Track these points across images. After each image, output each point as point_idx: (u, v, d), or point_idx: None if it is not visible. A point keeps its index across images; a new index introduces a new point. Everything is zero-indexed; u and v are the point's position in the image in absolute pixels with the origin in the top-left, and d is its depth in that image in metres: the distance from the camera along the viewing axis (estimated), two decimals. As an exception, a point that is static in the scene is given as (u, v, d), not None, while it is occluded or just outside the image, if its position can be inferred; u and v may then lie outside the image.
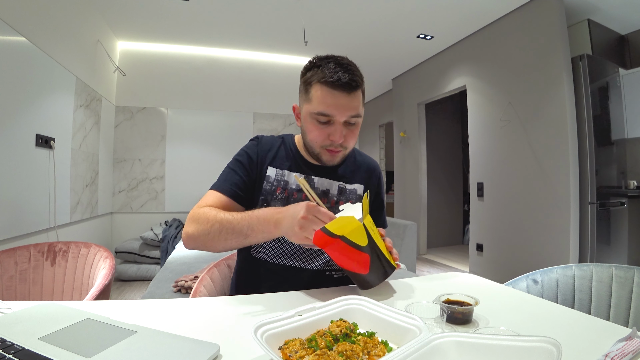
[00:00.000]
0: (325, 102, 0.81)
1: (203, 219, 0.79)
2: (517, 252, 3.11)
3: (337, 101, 0.81)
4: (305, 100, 0.86)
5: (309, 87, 0.85)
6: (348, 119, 0.83)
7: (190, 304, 0.71)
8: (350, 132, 0.86)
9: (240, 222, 0.75)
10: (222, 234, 0.76)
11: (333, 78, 0.80)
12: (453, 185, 5.52)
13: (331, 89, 0.81)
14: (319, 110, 0.82)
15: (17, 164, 1.97)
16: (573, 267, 0.96)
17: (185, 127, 4.13)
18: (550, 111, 2.80)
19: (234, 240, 0.76)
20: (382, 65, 4.66)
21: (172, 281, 1.99)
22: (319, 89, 0.82)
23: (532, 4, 2.95)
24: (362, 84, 0.85)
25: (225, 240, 0.76)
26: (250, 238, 0.75)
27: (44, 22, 2.25)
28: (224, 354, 0.49)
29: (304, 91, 0.87)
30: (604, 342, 0.52)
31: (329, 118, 0.83)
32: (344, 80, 0.80)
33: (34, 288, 1.31)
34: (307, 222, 0.67)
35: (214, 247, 0.79)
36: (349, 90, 0.81)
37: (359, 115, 0.85)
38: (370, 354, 0.47)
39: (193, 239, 0.80)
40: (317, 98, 0.82)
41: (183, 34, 3.75)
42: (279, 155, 0.94)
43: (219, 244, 0.77)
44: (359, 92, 0.84)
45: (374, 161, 1.07)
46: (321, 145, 0.86)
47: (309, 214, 0.67)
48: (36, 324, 0.54)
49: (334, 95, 0.81)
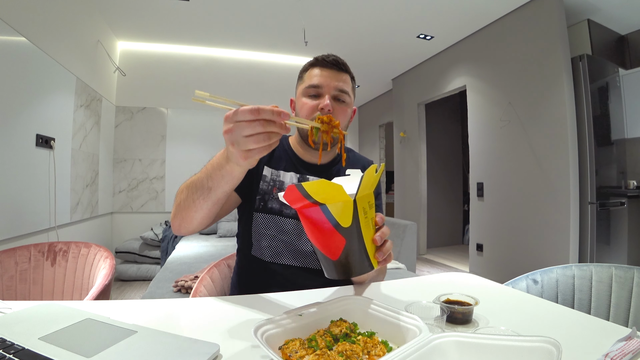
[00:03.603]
0: (316, 76, 0.89)
1: (177, 195, 0.75)
2: (517, 252, 3.11)
3: (325, 74, 0.89)
4: (300, 84, 0.94)
5: (304, 73, 0.94)
6: (337, 93, 0.88)
7: (190, 304, 0.71)
8: (339, 108, 0.89)
9: (199, 177, 0.69)
10: (190, 198, 0.70)
11: (323, 57, 0.90)
12: (453, 185, 5.52)
13: (321, 65, 0.90)
14: (309, 83, 0.89)
15: (17, 164, 1.97)
16: (573, 267, 0.96)
17: (185, 127, 4.13)
18: (550, 111, 2.80)
19: (201, 200, 0.69)
20: (382, 66, 4.66)
21: (172, 281, 1.99)
22: (310, 69, 0.92)
23: (532, 4, 2.95)
24: (350, 72, 0.93)
25: (194, 203, 0.70)
26: (215, 188, 0.67)
27: (44, 22, 2.25)
28: (224, 354, 0.49)
29: (300, 78, 0.95)
30: (604, 342, 0.52)
31: (318, 90, 0.88)
32: (332, 58, 0.90)
33: (34, 288, 1.31)
34: (233, 136, 0.54)
35: (190, 217, 0.72)
36: (338, 67, 0.90)
37: (348, 93, 0.90)
38: (370, 354, 0.47)
39: (173, 218, 0.76)
40: (309, 76, 0.91)
41: (183, 34, 3.75)
42: (274, 155, 0.96)
43: (192, 210, 0.71)
44: (347, 76, 0.91)
45: (370, 160, 1.07)
46: (312, 117, 0.87)
47: (228, 123, 0.54)
48: (36, 324, 0.54)
49: (322, 70, 0.89)
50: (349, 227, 0.56)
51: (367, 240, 0.59)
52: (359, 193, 0.56)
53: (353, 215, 0.56)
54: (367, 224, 0.59)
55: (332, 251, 0.58)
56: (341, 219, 0.55)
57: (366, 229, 0.59)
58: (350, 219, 0.56)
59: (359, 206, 0.56)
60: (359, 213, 0.56)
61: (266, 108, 0.52)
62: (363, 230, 0.58)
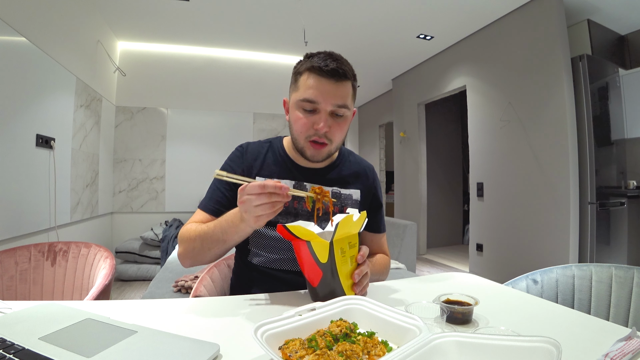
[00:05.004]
0: (312, 88, 0.80)
1: (186, 238, 0.82)
2: (517, 252, 3.11)
3: (322, 88, 0.80)
4: (294, 90, 0.86)
5: (298, 76, 0.84)
6: (334, 109, 0.81)
7: (190, 304, 0.71)
8: (336, 124, 0.83)
9: (214, 231, 0.77)
10: (205, 246, 0.78)
11: (320, 64, 0.79)
12: (453, 185, 5.53)
13: (318, 75, 0.80)
14: (304, 96, 0.81)
15: (17, 164, 1.97)
16: (573, 267, 0.96)
17: (185, 127, 4.13)
18: (550, 111, 2.80)
19: (216, 249, 0.78)
20: (382, 65, 4.66)
21: (172, 281, 1.99)
22: (307, 76, 0.82)
23: (532, 4, 2.95)
24: (351, 77, 0.83)
25: (209, 251, 0.79)
26: (229, 241, 0.76)
27: (44, 22, 2.25)
28: (224, 354, 0.49)
29: (294, 81, 0.87)
30: (604, 342, 0.52)
31: (314, 106, 0.81)
32: (331, 67, 0.79)
33: (34, 288, 1.31)
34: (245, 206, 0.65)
35: (204, 259, 0.81)
36: (337, 78, 0.80)
37: (346, 106, 0.82)
38: (370, 354, 0.47)
39: (183, 257, 0.83)
40: (304, 85, 0.82)
41: (183, 34, 3.75)
42: (266, 162, 0.92)
43: (206, 255, 0.80)
44: (348, 83, 0.83)
45: (369, 163, 1.05)
46: (306, 135, 0.83)
47: (240, 197, 0.66)
48: (36, 324, 0.54)
49: (320, 82, 0.80)
50: (326, 263, 0.68)
51: (342, 275, 0.70)
52: (335, 236, 0.68)
53: (329, 254, 0.68)
54: (344, 262, 0.70)
55: (312, 279, 0.70)
56: (320, 255, 0.68)
57: (343, 266, 0.70)
58: (327, 257, 0.68)
59: (335, 247, 0.68)
60: (336, 252, 0.69)
61: (270, 184, 0.63)
62: (339, 266, 0.69)
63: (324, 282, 0.69)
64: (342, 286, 0.70)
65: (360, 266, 0.73)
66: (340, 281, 0.69)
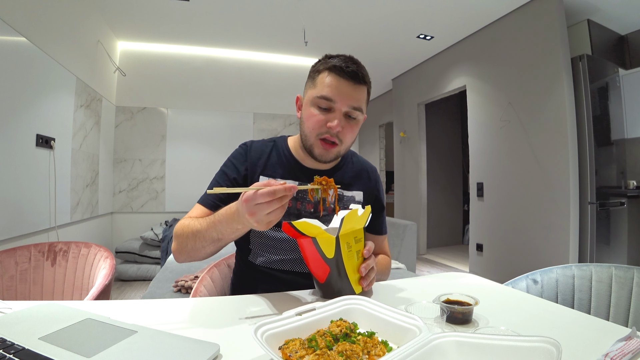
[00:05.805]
0: (330, 86, 0.82)
1: (180, 234, 0.80)
2: (517, 252, 3.11)
3: (341, 87, 0.82)
4: (311, 87, 0.87)
5: (317, 74, 0.86)
6: (349, 110, 0.83)
7: (190, 304, 0.71)
8: (349, 126, 0.84)
9: (208, 230, 0.74)
10: (198, 244, 0.76)
11: (342, 65, 0.82)
12: (453, 185, 5.53)
13: (338, 75, 0.82)
14: (322, 93, 0.82)
15: (17, 164, 1.97)
16: (573, 267, 0.96)
17: (185, 127, 4.13)
18: (550, 111, 2.80)
19: (211, 247, 0.76)
20: (382, 65, 4.66)
21: (172, 281, 1.99)
22: (326, 75, 0.83)
23: (532, 4, 2.95)
24: (368, 83, 0.86)
25: (204, 249, 0.77)
26: (225, 240, 0.75)
27: (44, 22, 2.25)
28: (224, 354, 0.49)
29: (311, 79, 0.88)
30: (604, 342, 0.52)
31: (330, 104, 0.82)
32: (352, 69, 0.81)
33: (34, 288, 1.31)
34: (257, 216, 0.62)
35: (198, 257, 0.80)
36: (355, 80, 0.82)
37: (361, 109, 0.84)
38: (370, 354, 0.47)
39: (178, 253, 0.81)
40: (322, 82, 0.83)
41: (183, 34, 3.75)
42: (270, 162, 0.92)
43: (200, 253, 0.78)
44: (364, 88, 0.85)
45: (372, 165, 1.05)
46: (318, 133, 0.84)
47: (250, 207, 0.62)
48: (36, 324, 0.54)
49: (339, 82, 0.82)
50: (332, 258, 0.69)
51: (350, 269, 0.71)
52: (341, 231, 0.69)
53: (335, 249, 0.69)
54: (350, 256, 0.71)
55: (320, 275, 0.71)
56: (326, 251, 0.69)
57: (350, 260, 0.71)
58: (333, 252, 0.69)
59: (342, 242, 0.69)
60: (342, 247, 0.69)
61: (279, 188, 0.60)
62: (346, 261, 0.70)
63: (331, 278, 0.70)
64: (350, 280, 0.71)
65: (367, 260, 0.74)
66: (348, 275, 0.70)
